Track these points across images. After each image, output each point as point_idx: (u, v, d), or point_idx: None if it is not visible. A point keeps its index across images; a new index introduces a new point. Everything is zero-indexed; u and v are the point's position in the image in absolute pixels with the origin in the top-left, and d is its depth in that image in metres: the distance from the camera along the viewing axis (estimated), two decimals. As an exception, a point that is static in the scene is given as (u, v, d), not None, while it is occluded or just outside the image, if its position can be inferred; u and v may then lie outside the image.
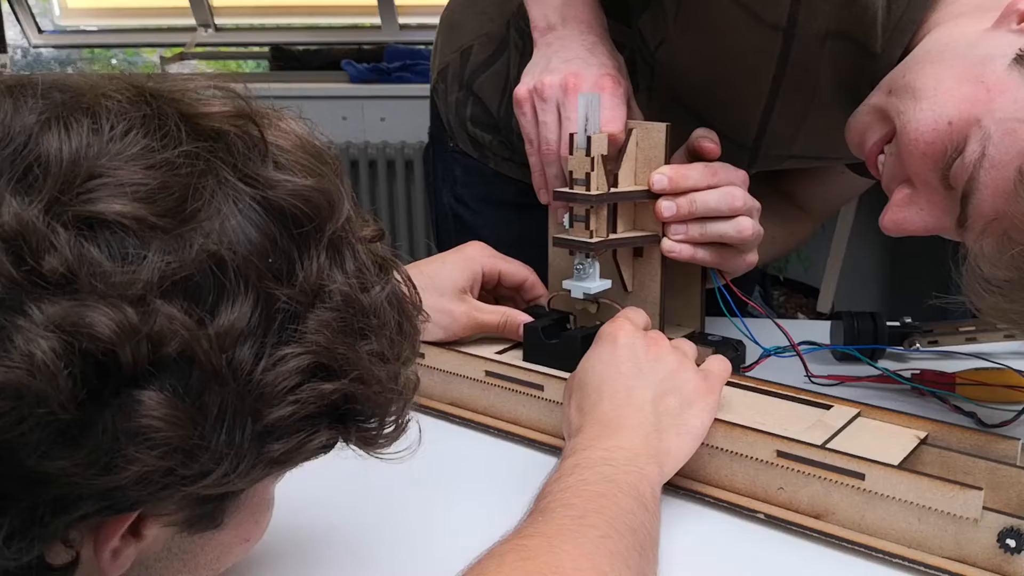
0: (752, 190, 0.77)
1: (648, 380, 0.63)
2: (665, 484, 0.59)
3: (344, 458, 0.45)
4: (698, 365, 0.67)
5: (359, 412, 0.42)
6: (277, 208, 0.39)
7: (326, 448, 0.42)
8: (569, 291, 0.75)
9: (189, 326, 0.35)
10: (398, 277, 0.45)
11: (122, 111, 0.38)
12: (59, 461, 0.34)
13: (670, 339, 0.68)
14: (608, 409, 0.61)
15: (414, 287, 0.47)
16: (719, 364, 0.67)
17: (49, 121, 0.36)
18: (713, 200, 0.73)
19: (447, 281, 0.76)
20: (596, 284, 0.75)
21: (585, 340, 0.69)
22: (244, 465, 0.38)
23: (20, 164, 0.35)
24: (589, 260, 0.74)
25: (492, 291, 0.82)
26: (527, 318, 0.76)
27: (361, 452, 0.45)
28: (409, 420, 0.46)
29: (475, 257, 0.78)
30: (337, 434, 0.42)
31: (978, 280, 0.59)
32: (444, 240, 1.09)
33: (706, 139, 0.75)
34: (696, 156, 0.76)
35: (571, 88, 0.73)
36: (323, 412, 0.40)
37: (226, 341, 0.37)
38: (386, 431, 0.45)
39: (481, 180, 1.05)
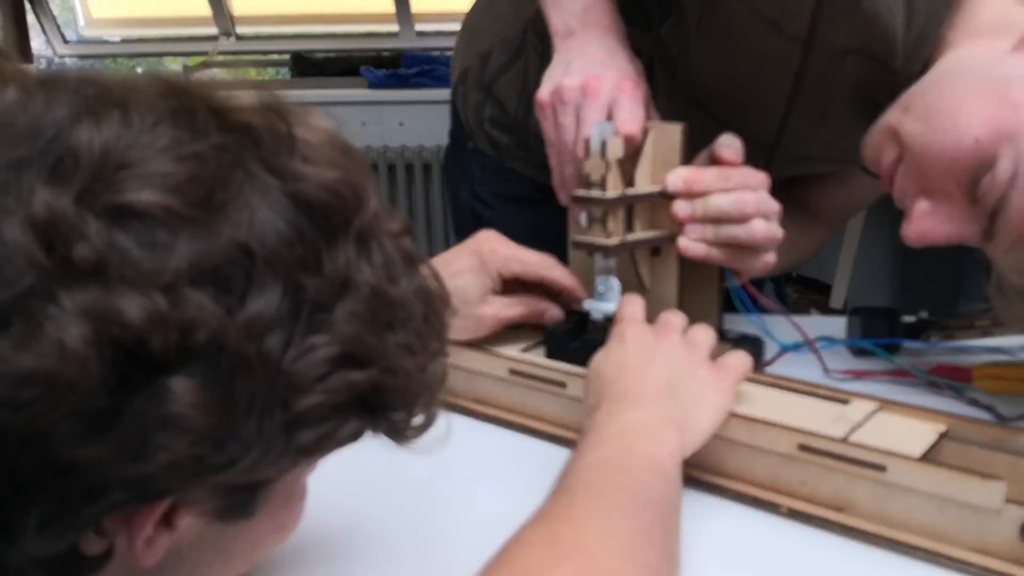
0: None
1: (661, 363, 0.64)
2: (686, 478, 0.60)
3: (371, 450, 0.46)
4: (715, 359, 0.67)
5: (388, 402, 0.42)
6: (305, 200, 0.39)
7: (355, 437, 0.43)
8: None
9: (218, 314, 0.35)
10: (426, 272, 0.45)
11: (151, 104, 0.38)
12: (90, 449, 0.34)
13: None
14: (623, 387, 0.62)
15: (441, 282, 0.47)
16: (737, 358, 0.67)
17: (80, 115, 0.36)
18: (725, 204, 0.74)
19: (471, 292, 0.76)
20: (616, 305, 0.76)
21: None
22: (273, 453, 0.38)
23: (51, 156, 0.35)
24: (609, 281, 0.75)
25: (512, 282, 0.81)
26: (547, 304, 0.78)
27: (390, 443, 0.46)
28: (438, 413, 0.46)
29: (490, 262, 0.78)
30: (366, 423, 0.42)
31: (1009, 292, 0.60)
32: (463, 236, 1.10)
33: (728, 148, 0.75)
34: (716, 162, 0.77)
35: (591, 91, 0.74)
36: (352, 402, 0.40)
37: (255, 330, 0.37)
38: (415, 423, 0.45)
39: (498, 177, 1.07)
